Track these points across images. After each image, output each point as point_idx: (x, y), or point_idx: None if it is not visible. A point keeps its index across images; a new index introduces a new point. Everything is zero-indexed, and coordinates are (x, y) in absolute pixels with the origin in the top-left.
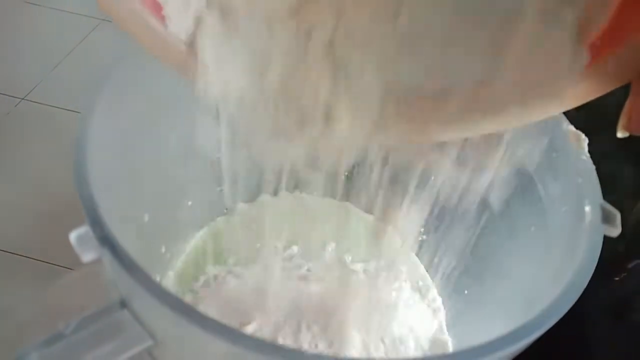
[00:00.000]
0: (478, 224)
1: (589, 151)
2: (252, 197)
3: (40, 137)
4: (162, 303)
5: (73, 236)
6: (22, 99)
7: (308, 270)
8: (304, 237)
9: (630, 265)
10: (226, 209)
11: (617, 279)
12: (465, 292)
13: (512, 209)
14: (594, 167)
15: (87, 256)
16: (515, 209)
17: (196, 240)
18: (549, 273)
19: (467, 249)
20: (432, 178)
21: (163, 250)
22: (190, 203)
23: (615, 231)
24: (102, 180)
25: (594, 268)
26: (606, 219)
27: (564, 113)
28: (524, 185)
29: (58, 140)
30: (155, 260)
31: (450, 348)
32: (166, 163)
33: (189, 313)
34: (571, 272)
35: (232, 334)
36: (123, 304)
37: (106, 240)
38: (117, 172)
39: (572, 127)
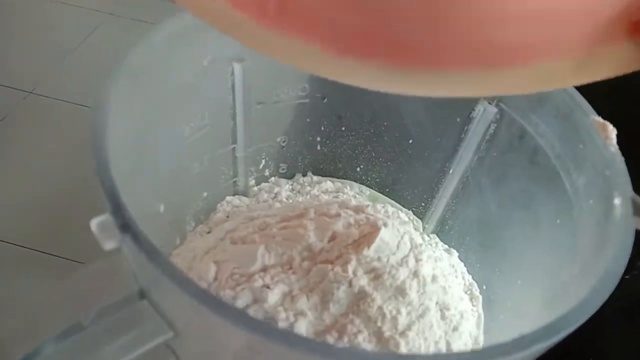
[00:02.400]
0: (499, 215)
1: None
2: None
3: (48, 131)
4: (186, 292)
5: (94, 223)
6: (30, 92)
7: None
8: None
9: None
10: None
11: (627, 277)
12: (484, 287)
13: (535, 201)
14: (622, 158)
15: (108, 244)
16: (539, 201)
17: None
18: (576, 267)
19: (486, 241)
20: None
21: (177, 242)
22: (205, 194)
23: None
24: (118, 169)
25: (627, 261)
26: (637, 211)
27: (590, 103)
28: (548, 177)
29: (66, 135)
30: (169, 254)
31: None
32: (181, 154)
33: (213, 303)
34: (602, 265)
35: (257, 325)
36: (142, 295)
37: (127, 227)
38: (132, 162)
39: (599, 118)
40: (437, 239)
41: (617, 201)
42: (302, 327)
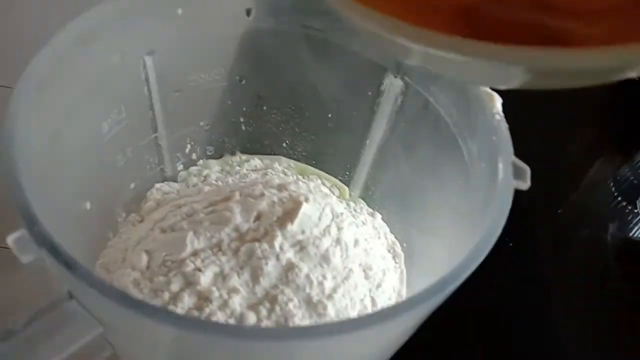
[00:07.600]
0: (412, 179)
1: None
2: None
3: None
4: (107, 297)
5: (10, 240)
6: None
7: None
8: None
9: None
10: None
11: (560, 211)
12: (405, 245)
13: (440, 166)
14: (506, 125)
15: (26, 258)
16: (443, 165)
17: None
18: (470, 228)
19: (404, 204)
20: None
21: (110, 235)
22: (133, 185)
23: (525, 185)
24: (35, 173)
25: (505, 220)
26: (517, 174)
27: None
28: (450, 144)
29: None
30: (103, 247)
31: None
32: (102, 150)
33: (134, 305)
34: (486, 224)
35: (180, 321)
36: (71, 295)
37: (43, 241)
38: (49, 168)
39: (487, 88)
40: (363, 204)
41: (500, 165)
42: (236, 303)
